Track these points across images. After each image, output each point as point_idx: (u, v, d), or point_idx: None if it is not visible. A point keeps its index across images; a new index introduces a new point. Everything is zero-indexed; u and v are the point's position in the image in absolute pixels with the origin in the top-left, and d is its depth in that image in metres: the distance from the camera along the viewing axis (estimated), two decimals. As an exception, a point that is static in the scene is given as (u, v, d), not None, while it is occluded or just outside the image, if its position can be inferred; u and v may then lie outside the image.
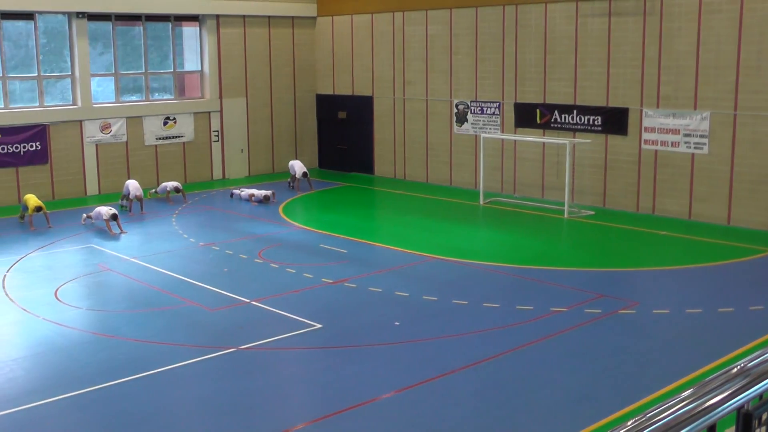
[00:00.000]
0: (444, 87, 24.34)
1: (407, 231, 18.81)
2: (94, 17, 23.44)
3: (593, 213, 20.26)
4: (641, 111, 19.99)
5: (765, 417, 2.52)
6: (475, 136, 23.55)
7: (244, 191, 22.69)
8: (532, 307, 12.76)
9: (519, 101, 22.52)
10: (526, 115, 22.38)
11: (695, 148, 19.13)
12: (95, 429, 9.02)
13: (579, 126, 21.22)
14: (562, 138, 21.07)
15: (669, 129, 19.49)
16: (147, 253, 16.70)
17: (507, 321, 12.18)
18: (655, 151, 19.85)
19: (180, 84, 25.87)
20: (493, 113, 23.16)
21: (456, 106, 24.09)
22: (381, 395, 9.67)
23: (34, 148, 22.30)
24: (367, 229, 19.58)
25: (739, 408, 2.39)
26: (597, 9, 20.57)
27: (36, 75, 22.66)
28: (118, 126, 23.87)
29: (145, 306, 13.32)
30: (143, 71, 24.74)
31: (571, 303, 12.99)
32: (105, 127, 23.62)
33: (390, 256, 16.56)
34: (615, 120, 20.49)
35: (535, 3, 21.75)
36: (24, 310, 13.08)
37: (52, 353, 11.17)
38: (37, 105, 22.72)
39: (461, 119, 24.03)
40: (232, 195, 22.98)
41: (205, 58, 25.71)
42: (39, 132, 22.36)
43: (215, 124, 26.04)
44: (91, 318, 12.87)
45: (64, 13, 22.93)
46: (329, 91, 27.90)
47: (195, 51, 25.92)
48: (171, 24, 25.16)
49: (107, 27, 23.93)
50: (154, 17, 24.75)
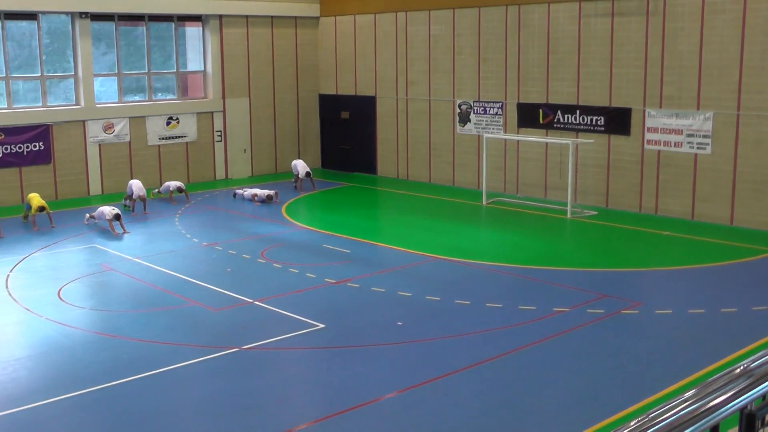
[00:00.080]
0: (447, 87, 24.34)
1: (410, 231, 18.81)
2: (97, 17, 23.46)
3: (596, 213, 20.25)
4: (644, 111, 19.97)
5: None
6: (478, 136, 23.54)
7: (246, 191, 22.70)
8: (534, 308, 12.76)
9: (522, 101, 22.51)
10: (528, 115, 22.37)
11: (698, 148, 19.11)
12: (98, 429, 9.04)
13: (582, 126, 21.21)
14: (564, 138, 21.06)
15: (672, 129, 19.47)
16: (150, 253, 16.72)
17: (510, 321, 12.18)
18: (658, 152, 19.83)
19: (183, 84, 25.89)
20: (496, 113, 23.15)
21: (459, 106, 24.09)
22: (384, 395, 9.68)
23: (37, 148, 22.33)
24: (370, 229, 19.58)
25: (742, 408, 2.39)
26: (600, 9, 20.56)
27: (39, 75, 22.69)
28: (121, 126, 23.90)
29: (148, 306, 13.34)
30: (146, 71, 24.76)
31: (574, 303, 12.98)
32: (108, 127, 23.65)
33: (393, 256, 16.56)
34: (618, 120, 20.48)
35: (538, 3, 21.74)
36: (27, 309, 13.10)
37: (55, 353, 11.18)
38: (41, 105, 22.76)
39: (464, 119, 24.02)
40: (234, 195, 22.99)
41: (208, 58, 25.73)
42: (42, 132, 22.39)
43: (218, 124, 26.06)
44: (94, 318, 12.89)
45: (67, 13, 22.96)
46: (332, 91, 27.91)
47: (198, 51, 25.94)
48: (174, 24, 25.18)
49: (110, 27, 23.95)
50: (157, 17, 24.77)
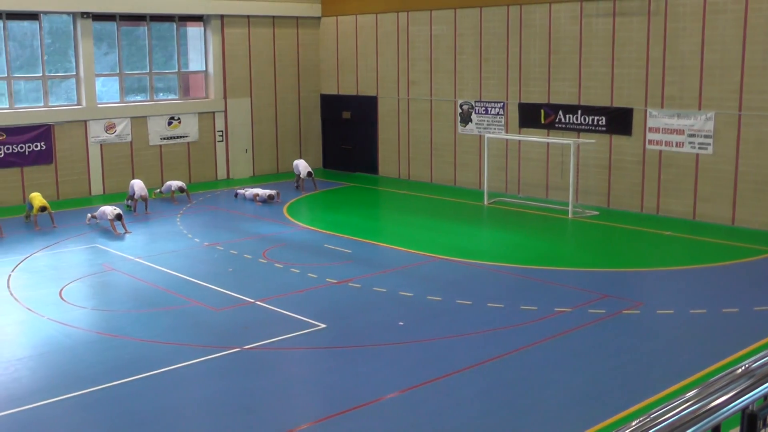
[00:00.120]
0: (448, 87, 24.33)
1: (411, 231, 18.81)
2: (98, 17, 23.48)
3: (597, 213, 20.24)
4: (646, 111, 19.97)
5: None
6: (480, 136, 23.54)
7: (248, 191, 22.71)
8: (536, 308, 12.76)
9: (523, 101, 22.51)
10: (530, 115, 22.36)
11: (700, 148, 19.10)
12: (100, 429, 9.04)
13: (583, 126, 21.20)
14: (566, 138, 21.05)
15: (673, 129, 19.46)
16: (151, 253, 16.73)
17: (511, 321, 12.18)
18: (660, 152, 19.82)
19: (184, 84, 25.90)
20: (498, 113, 23.15)
21: (460, 106, 24.09)
22: (385, 395, 9.68)
23: (38, 148, 22.35)
24: (372, 229, 19.58)
25: (744, 409, 2.40)
26: (601, 9, 20.55)
27: (41, 75, 22.70)
28: (122, 126, 23.91)
29: (150, 306, 13.34)
30: (148, 71, 24.77)
31: (576, 303, 12.98)
32: (109, 127, 23.67)
33: (394, 256, 16.56)
34: (619, 120, 20.47)
35: (540, 3, 21.73)
36: (29, 309, 13.11)
37: (56, 353, 11.19)
38: (42, 105, 22.77)
39: (465, 119, 24.02)
40: (236, 195, 23.00)
41: (210, 58, 25.74)
42: (44, 132, 22.41)
43: (220, 124, 26.07)
44: (96, 318, 12.90)
45: (68, 14, 22.97)
46: (333, 91, 27.91)
47: (199, 51, 25.95)
48: (175, 24, 25.19)
49: (112, 27, 23.96)
50: (158, 17, 24.79)
